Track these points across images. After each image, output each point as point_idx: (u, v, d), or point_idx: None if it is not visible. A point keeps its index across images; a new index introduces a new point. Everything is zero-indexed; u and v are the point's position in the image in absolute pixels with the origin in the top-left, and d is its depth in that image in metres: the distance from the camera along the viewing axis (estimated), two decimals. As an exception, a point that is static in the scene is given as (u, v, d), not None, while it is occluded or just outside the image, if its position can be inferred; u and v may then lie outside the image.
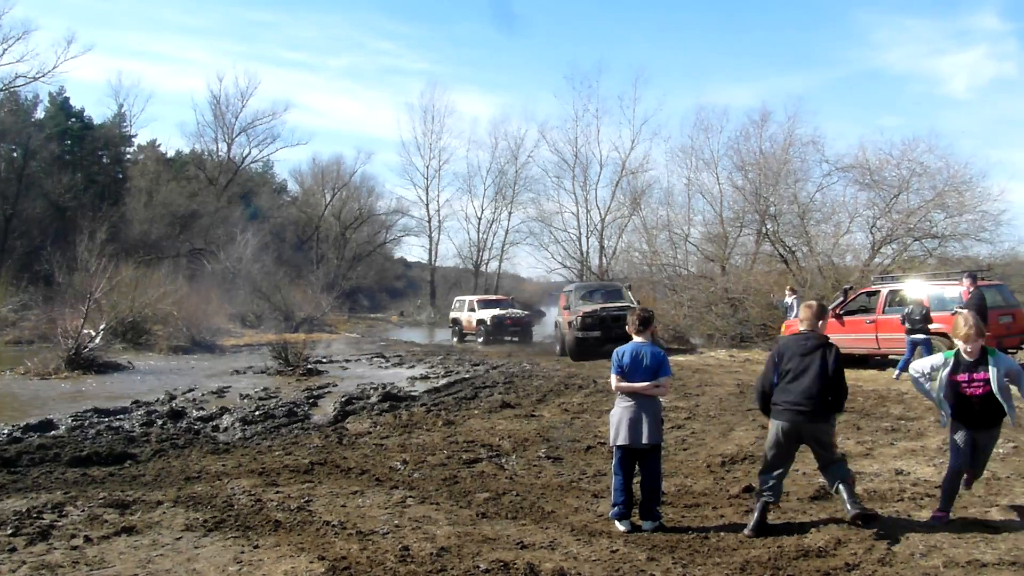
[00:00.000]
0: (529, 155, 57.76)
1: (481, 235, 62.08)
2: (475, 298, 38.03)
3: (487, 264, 62.64)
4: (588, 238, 51.07)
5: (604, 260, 48.33)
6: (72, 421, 12.73)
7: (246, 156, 69.13)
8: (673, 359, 20.23)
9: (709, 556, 5.45)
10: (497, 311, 35.11)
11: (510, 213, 59.96)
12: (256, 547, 5.75)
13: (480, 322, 34.74)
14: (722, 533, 5.96)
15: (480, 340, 33.82)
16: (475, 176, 68.90)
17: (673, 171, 57.52)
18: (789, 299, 20.07)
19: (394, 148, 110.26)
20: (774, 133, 34.33)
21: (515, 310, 36.11)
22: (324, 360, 24.59)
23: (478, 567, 5.18)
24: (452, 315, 38.15)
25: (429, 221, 64.89)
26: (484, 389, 15.99)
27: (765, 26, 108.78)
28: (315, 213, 71.29)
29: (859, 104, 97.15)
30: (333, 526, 6.22)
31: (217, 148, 68.24)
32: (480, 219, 61.90)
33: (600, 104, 68.59)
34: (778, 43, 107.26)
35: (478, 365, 21.98)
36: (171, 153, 69.67)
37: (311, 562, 5.32)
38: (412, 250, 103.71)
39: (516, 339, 33.63)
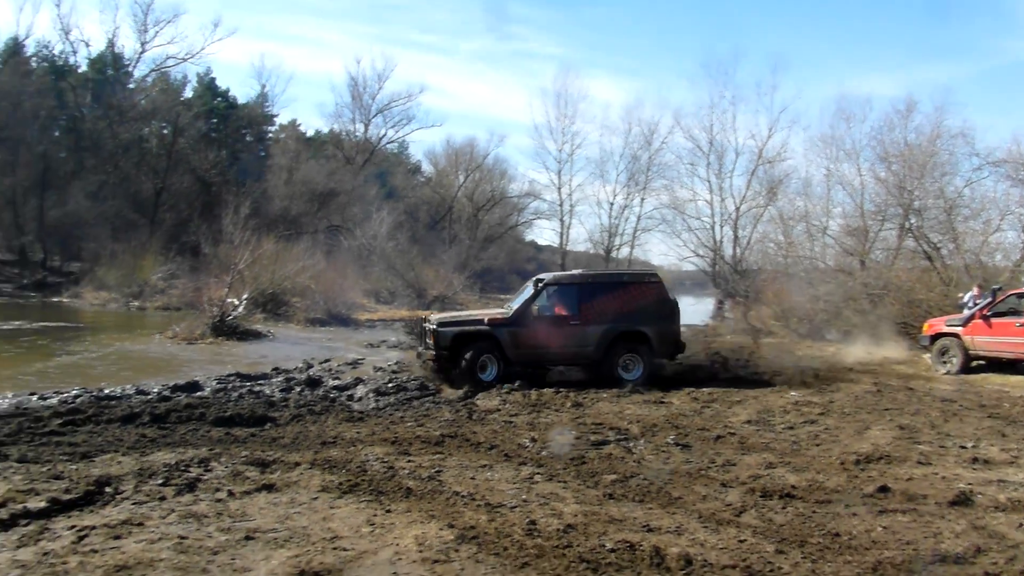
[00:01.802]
0: (663, 141, 56.86)
1: (612, 220, 61.59)
2: None
3: (618, 250, 62.19)
4: (721, 227, 50.00)
5: (738, 250, 47.35)
6: (216, 384, 13.38)
7: (382, 137, 70.66)
8: (807, 354, 19.71)
9: (840, 554, 5.31)
10: None
11: (642, 199, 59.29)
12: (388, 511, 5.93)
13: None
14: (854, 531, 5.79)
15: None
16: (607, 161, 68.33)
17: (812, 161, 55.64)
18: (967, 296, 19.13)
19: (526, 132, 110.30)
20: (920, 124, 32.77)
21: None
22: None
23: (604, 546, 5.20)
24: None
25: (561, 205, 64.83)
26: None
27: (910, 15, 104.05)
28: (448, 194, 72.24)
29: (1012, 96, 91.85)
30: (462, 496, 6.35)
31: (354, 128, 69.96)
32: (612, 204, 61.42)
33: (736, 91, 66.52)
34: (924, 32, 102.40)
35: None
36: (310, 133, 71.84)
37: (441, 529, 5.46)
38: (543, 233, 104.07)
39: None
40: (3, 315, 28.85)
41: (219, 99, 63.78)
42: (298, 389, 13.29)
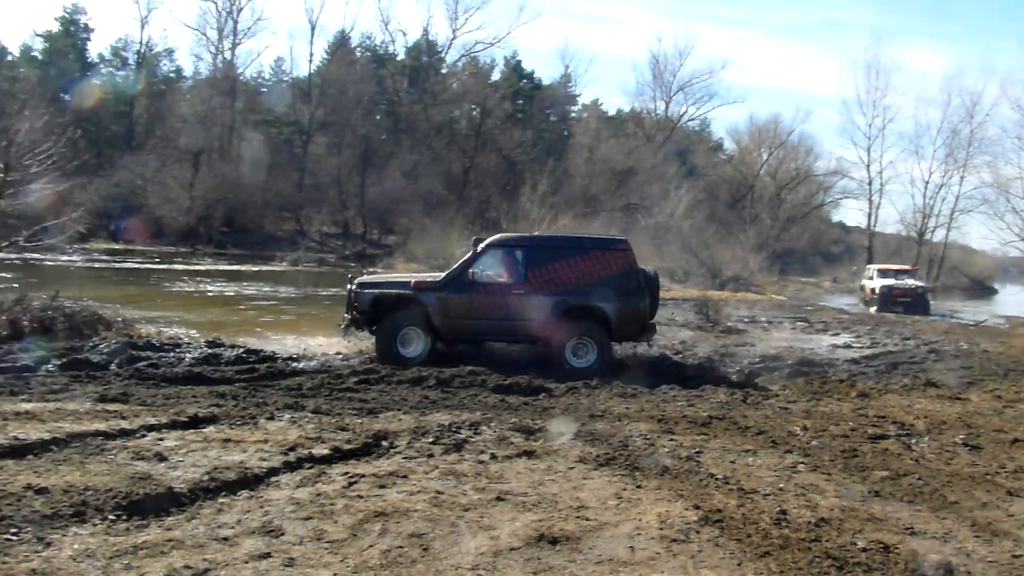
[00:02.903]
0: (987, 114, 52.38)
1: (927, 200, 57.50)
2: (877, 266, 37.24)
3: (932, 232, 57.92)
4: (1054, 208, 45.10)
5: (1075, 235, 42.48)
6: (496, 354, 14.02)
7: (683, 114, 70.28)
8: None
9: None
10: (891, 281, 33.87)
11: (962, 177, 54.89)
12: (639, 487, 5.96)
13: (872, 291, 34.13)
14: None
15: (874, 309, 32.29)
16: (923, 136, 64.24)
17: None
18: None
19: (833, 106, 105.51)
20: None
21: (910, 281, 34.08)
22: (745, 320, 24.38)
23: (855, 544, 4.92)
24: (861, 282, 37.61)
25: (870, 184, 61.32)
26: (909, 365, 14.94)
27: None
28: (750, 172, 70.45)
29: None
30: (716, 479, 6.24)
31: (655, 106, 69.98)
32: (927, 183, 57.36)
33: (1081, 55, 59.74)
34: None
35: (908, 339, 20.52)
36: (611, 112, 72.68)
37: (686, 509, 5.41)
38: (850, 214, 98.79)
39: (903, 310, 31.60)
40: (328, 282, 32.17)
41: (524, 81, 66.22)
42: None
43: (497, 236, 13.63)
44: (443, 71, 65.17)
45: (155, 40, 73.38)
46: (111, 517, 4.81)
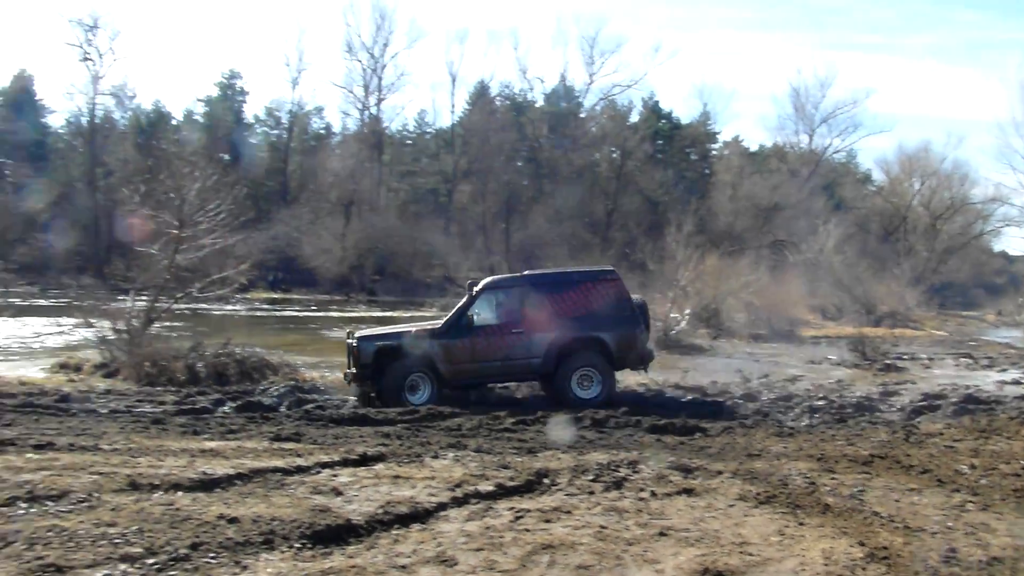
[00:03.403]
0: None
1: (1100, 226, 54.07)
2: None
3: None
4: None
5: None
6: (650, 395, 14.14)
7: (828, 146, 68.45)
8: None
9: None
10: None
11: None
12: (801, 524, 5.95)
13: None
14: None
15: None
16: (1089, 156, 59.94)
17: None
18: None
19: (988, 130, 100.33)
20: None
21: None
22: (904, 356, 23.56)
23: (1032, 583, 4.80)
24: None
25: (1034, 210, 58.15)
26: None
27: None
28: (902, 203, 67.86)
29: None
30: (881, 517, 6.15)
31: (798, 140, 68.56)
32: (1097, 207, 53.95)
33: None
34: None
35: (1086, 374, 19.38)
36: (753, 147, 71.63)
37: (851, 546, 5.37)
38: (1013, 242, 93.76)
39: None
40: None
41: (663, 121, 66.26)
42: (730, 403, 13.51)
43: (489, 279, 14.08)
44: (582, 115, 65.88)
45: (305, 99, 77.03)
46: (296, 545, 5.18)
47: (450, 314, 13.43)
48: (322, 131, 74.84)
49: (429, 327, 13.34)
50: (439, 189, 69.62)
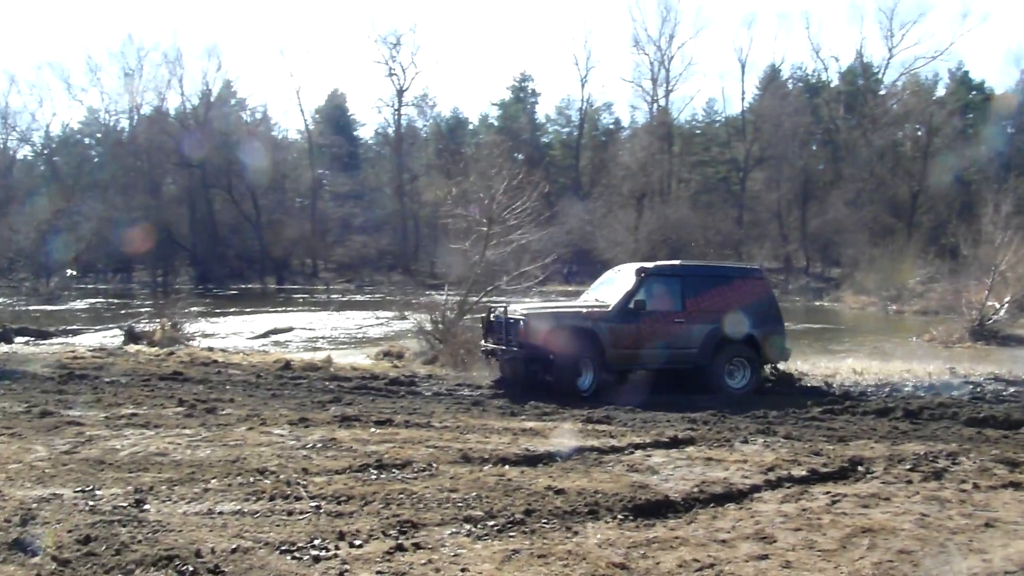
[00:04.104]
0: None
1: None
2: None
3: None
4: None
5: None
6: (971, 387, 13.38)
7: None
8: None
9: None
10: None
11: None
12: None
13: None
14: None
15: None
16: None
17: None
18: None
19: None
20: None
21: None
22: None
23: None
24: None
25: None
26: None
27: None
28: None
29: None
30: None
31: None
32: None
33: None
34: None
35: None
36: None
37: None
38: None
39: None
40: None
41: (973, 92, 61.19)
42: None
43: (653, 265, 13.77)
44: (881, 92, 62.31)
45: (594, 96, 78.98)
46: (619, 516, 5.59)
47: (617, 297, 13.11)
48: (611, 126, 76.25)
49: (599, 308, 13.08)
50: (730, 177, 68.67)
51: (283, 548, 4.75)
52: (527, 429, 8.78)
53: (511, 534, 5.19)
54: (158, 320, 21.46)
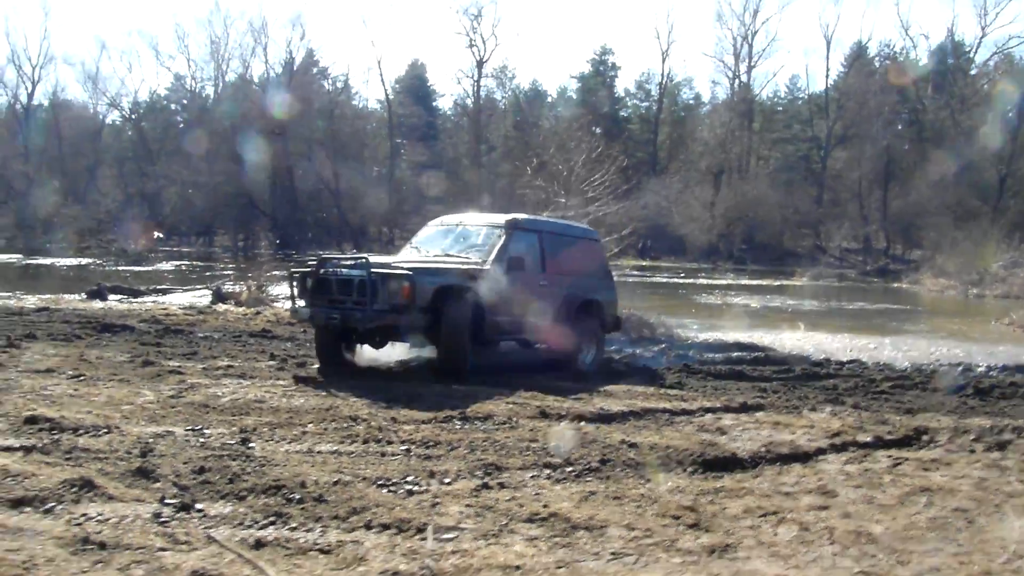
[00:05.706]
0: None
1: None
2: None
3: None
4: None
5: None
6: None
7: None
8: None
9: None
10: None
11: None
12: None
13: None
14: None
15: None
16: None
17: None
18: None
19: None
20: None
21: None
22: None
23: None
24: None
25: None
26: None
27: None
28: None
29: None
30: None
31: None
32: None
33: None
34: None
35: None
36: None
37: None
38: None
39: None
40: (848, 296, 32.38)
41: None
42: None
43: (520, 217, 11.41)
44: (972, 72, 60.70)
45: (675, 71, 78.49)
46: (689, 469, 5.97)
47: (493, 251, 10.46)
48: (691, 101, 75.59)
49: (471, 264, 10.23)
50: (811, 156, 67.64)
51: (379, 482, 5.23)
52: (602, 391, 9.19)
53: (587, 479, 5.62)
54: (244, 282, 22.26)
